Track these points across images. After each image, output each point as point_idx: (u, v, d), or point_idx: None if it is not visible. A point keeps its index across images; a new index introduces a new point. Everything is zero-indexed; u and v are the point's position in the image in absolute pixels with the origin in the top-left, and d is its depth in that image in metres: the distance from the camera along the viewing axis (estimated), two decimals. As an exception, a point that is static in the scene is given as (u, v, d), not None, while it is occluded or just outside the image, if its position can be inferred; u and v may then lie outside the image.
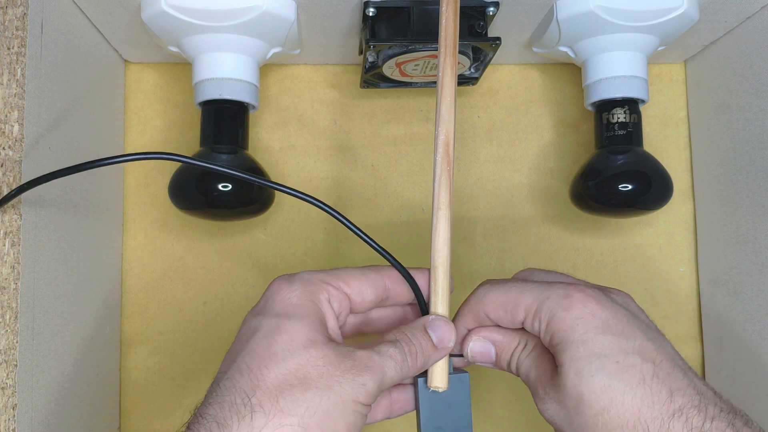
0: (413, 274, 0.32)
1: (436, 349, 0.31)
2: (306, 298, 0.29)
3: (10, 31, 0.33)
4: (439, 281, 0.32)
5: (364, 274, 0.31)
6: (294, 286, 0.30)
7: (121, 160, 0.31)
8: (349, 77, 0.51)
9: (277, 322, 0.28)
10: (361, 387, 0.27)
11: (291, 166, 0.50)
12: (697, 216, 0.51)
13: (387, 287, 0.32)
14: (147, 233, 0.49)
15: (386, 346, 0.29)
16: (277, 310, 0.29)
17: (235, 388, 0.27)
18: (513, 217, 0.50)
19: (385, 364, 0.28)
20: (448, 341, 0.31)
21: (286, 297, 0.29)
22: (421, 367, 0.31)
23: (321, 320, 0.29)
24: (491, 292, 0.33)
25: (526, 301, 0.31)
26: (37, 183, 0.31)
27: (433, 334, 0.31)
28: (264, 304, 0.30)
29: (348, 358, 0.28)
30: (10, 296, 0.32)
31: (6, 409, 0.32)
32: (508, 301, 0.32)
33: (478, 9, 0.40)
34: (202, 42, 0.40)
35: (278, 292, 0.30)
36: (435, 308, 0.32)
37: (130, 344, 0.48)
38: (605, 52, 0.42)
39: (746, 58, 0.44)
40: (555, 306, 0.30)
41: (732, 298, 0.46)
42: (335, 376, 0.27)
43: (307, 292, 0.30)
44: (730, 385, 0.46)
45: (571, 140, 0.51)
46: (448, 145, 0.32)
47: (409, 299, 0.33)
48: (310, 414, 0.26)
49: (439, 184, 0.32)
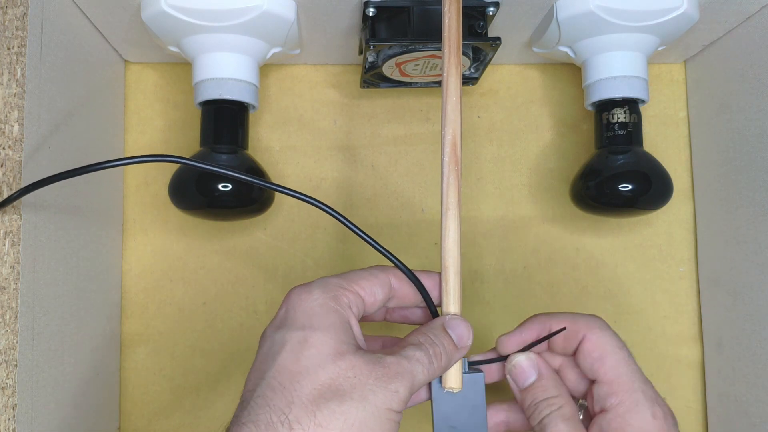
0: (420, 277, 0.32)
1: (457, 349, 0.31)
2: (329, 307, 0.29)
3: (10, 31, 0.33)
4: (450, 281, 0.32)
5: (373, 275, 0.31)
6: (314, 294, 0.29)
7: (123, 163, 0.31)
8: (349, 77, 0.51)
9: (303, 335, 0.28)
10: (394, 394, 0.27)
11: (291, 166, 0.50)
12: (697, 216, 0.51)
13: (393, 286, 0.32)
14: (147, 233, 0.49)
15: (412, 350, 0.29)
16: (301, 322, 0.28)
17: (269, 406, 0.26)
18: (513, 217, 0.50)
19: (414, 368, 0.28)
20: (467, 340, 0.31)
21: (309, 307, 0.29)
22: (446, 368, 0.31)
23: (347, 328, 0.29)
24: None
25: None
26: (39, 186, 0.31)
27: (452, 333, 0.31)
28: (285, 316, 0.29)
29: (378, 366, 0.27)
30: (10, 296, 0.32)
31: (6, 409, 0.32)
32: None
33: (478, 9, 0.40)
34: (202, 42, 0.40)
35: (299, 303, 0.29)
36: (447, 308, 0.32)
37: (130, 344, 0.48)
38: (605, 52, 0.42)
39: (746, 58, 0.44)
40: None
41: (732, 298, 0.46)
42: (368, 386, 0.27)
43: (329, 299, 0.29)
44: (730, 385, 0.46)
45: (571, 140, 0.51)
46: (455, 144, 0.32)
47: (414, 301, 0.33)
48: (348, 426, 0.26)
49: (447, 184, 0.32)
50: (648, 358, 0.50)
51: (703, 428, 0.50)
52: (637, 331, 0.50)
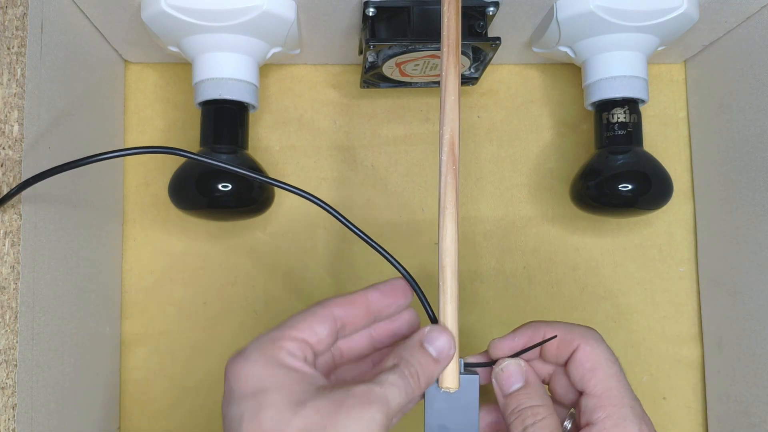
0: (380, 288, 0.32)
1: (438, 363, 0.31)
2: (270, 363, 0.28)
3: (10, 31, 0.33)
4: (447, 280, 0.32)
5: (311, 313, 0.30)
6: (251, 358, 0.28)
7: (123, 153, 0.31)
8: (349, 77, 0.51)
9: (256, 401, 0.27)
10: (371, 422, 0.26)
11: (291, 166, 0.50)
12: (697, 216, 0.51)
13: (338, 316, 0.31)
14: (147, 233, 0.49)
15: (385, 374, 0.28)
16: (249, 390, 0.27)
17: None
18: (513, 217, 0.50)
19: (387, 392, 0.28)
20: (448, 351, 0.31)
21: (250, 373, 0.28)
22: (426, 386, 0.30)
23: (297, 377, 0.28)
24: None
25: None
26: (38, 179, 0.31)
27: (430, 348, 0.31)
28: (231, 389, 0.28)
29: (347, 398, 0.27)
30: (10, 296, 0.32)
31: (6, 409, 0.32)
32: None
33: (478, 9, 0.40)
34: (202, 42, 0.40)
35: (240, 372, 0.28)
36: (444, 307, 0.32)
37: (130, 344, 0.48)
38: (605, 52, 0.42)
39: (746, 58, 0.44)
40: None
41: (732, 298, 0.46)
42: (341, 422, 0.26)
43: (267, 357, 0.28)
44: (730, 385, 0.46)
45: (571, 140, 0.51)
46: (453, 144, 0.32)
47: (366, 321, 0.32)
48: None
49: (445, 183, 0.32)
50: (648, 358, 0.50)
51: (703, 428, 0.50)
52: (637, 331, 0.50)
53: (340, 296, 0.31)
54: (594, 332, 0.34)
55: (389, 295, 0.32)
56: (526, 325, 0.35)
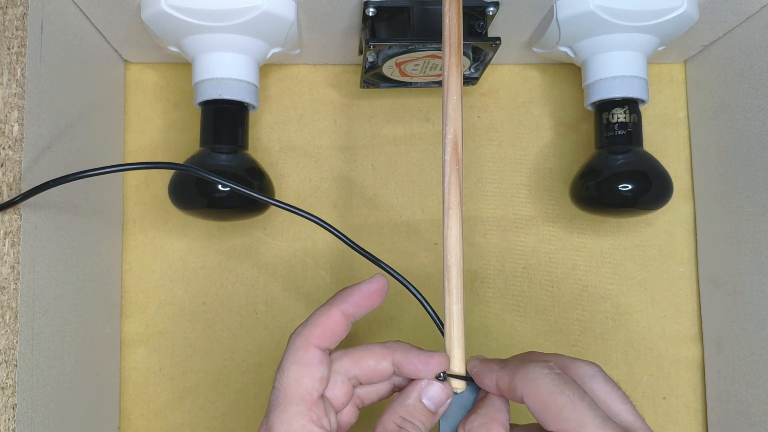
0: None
1: (435, 414, 0.31)
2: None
3: (10, 31, 0.33)
4: (452, 281, 0.32)
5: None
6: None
7: (121, 168, 0.32)
8: (349, 77, 0.51)
9: None
10: None
11: (291, 166, 0.50)
12: (697, 216, 0.51)
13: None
14: (147, 233, 0.49)
15: None
16: None
17: None
18: (513, 217, 0.50)
19: None
20: (443, 401, 0.31)
21: None
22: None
23: None
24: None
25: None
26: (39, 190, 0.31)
27: (427, 402, 0.31)
28: None
29: None
30: (10, 296, 0.32)
31: (6, 409, 0.32)
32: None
33: (478, 9, 0.40)
34: (202, 42, 0.40)
35: None
36: (450, 308, 0.32)
37: (130, 344, 0.48)
38: (605, 52, 0.42)
39: (746, 58, 0.44)
40: None
41: (732, 298, 0.46)
42: None
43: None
44: (730, 385, 0.46)
45: (571, 140, 0.51)
46: (456, 144, 0.32)
47: (412, 373, 0.32)
48: None
49: (449, 183, 0.32)
50: (648, 358, 0.50)
51: (703, 428, 0.50)
52: (637, 331, 0.50)
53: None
54: (594, 367, 0.31)
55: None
56: (522, 356, 0.33)
